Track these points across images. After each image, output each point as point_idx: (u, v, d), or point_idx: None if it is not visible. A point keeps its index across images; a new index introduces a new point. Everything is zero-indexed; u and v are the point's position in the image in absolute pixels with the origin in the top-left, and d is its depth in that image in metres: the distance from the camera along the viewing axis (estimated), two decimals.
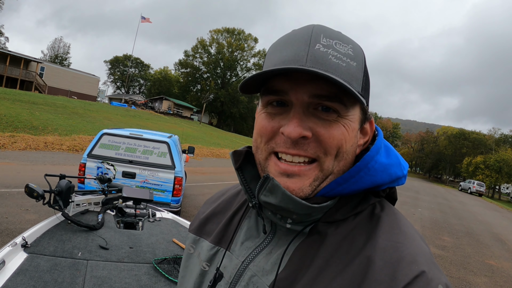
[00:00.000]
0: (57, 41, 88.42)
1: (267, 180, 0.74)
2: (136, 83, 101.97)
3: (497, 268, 9.63)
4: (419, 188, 38.79)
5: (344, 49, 0.73)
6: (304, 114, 0.72)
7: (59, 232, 2.99)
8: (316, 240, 0.76)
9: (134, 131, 7.55)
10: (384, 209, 0.79)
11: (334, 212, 0.77)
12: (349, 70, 0.71)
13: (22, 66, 42.44)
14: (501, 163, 61.28)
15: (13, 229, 6.17)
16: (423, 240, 0.76)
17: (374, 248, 0.69)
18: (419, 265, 0.65)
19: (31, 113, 22.44)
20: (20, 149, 15.83)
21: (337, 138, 0.73)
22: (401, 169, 0.81)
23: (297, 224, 0.77)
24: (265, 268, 0.79)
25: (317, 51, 0.70)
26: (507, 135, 79.33)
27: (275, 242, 0.81)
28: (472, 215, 22.03)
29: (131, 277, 2.61)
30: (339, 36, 0.75)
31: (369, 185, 0.76)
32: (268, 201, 0.75)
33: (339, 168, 0.76)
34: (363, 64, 0.76)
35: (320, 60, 0.69)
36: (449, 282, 0.68)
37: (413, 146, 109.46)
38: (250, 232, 0.88)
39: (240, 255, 0.85)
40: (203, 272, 0.91)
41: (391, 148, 0.83)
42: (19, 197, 8.10)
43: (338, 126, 0.73)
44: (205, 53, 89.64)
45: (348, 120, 0.74)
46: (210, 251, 0.93)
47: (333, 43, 0.72)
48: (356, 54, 0.75)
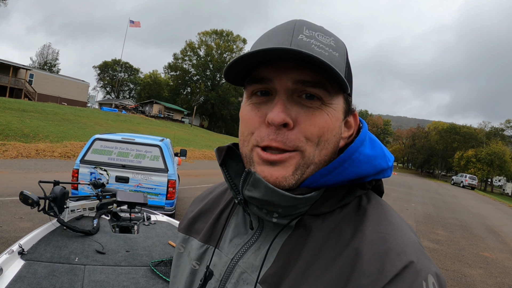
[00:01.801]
0: (45, 47, 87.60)
1: (249, 174, 0.75)
2: (126, 87, 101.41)
3: (492, 259, 9.71)
4: (412, 184, 38.96)
5: (327, 40, 0.74)
6: (288, 101, 0.72)
7: (55, 238, 2.98)
8: (303, 234, 0.75)
9: (126, 136, 7.54)
10: (370, 200, 0.79)
11: (320, 204, 0.76)
12: (332, 59, 0.72)
13: (11, 74, 42.05)
14: (492, 156, 61.68)
15: (8, 237, 6.13)
16: (412, 230, 0.76)
17: (361, 240, 0.69)
18: (408, 255, 0.65)
19: (22, 121, 22.27)
20: (11, 157, 15.72)
21: (319, 125, 0.73)
22: (386, 161, 0.81)
23: (283, 218, 0.76)
24: (254, 264, 0.78)
25: (300, 40, 0.71)
26: (497, 128, 79.66)
27: (263, 238, 0.81)
28: (465, 208, 22.17)
29: (128, 280, 2.62)
30: (321, 29, 0.76)
31: (354, 176, 0.75)
32: (252, 195, 0.75)
33: (321, 158, 0.75)
34: (345, 56, 0.77)
35: (303, 48, 0.69)
36: (439, 271, 0.67)
37: (405, 142, 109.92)
38: (238, 229, 0.88)
39: (229, 252, 0.85)
40: (194, 271, 0.91)
41: (376, 140, 0.83)
42: (12, 205, 8.05)
43: (321, 114, 0.73)
44: (194, 56, 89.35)
45: (332, 109, 0.74)
46: (200, 250, 0.93)
47: (316, 34, 0.73)
48: (338, 46, 0.76)
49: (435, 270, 0.66)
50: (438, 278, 0.65)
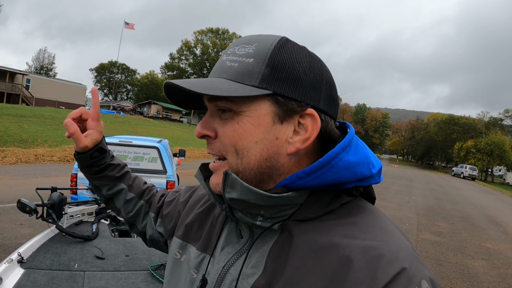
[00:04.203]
0: (41, 52, 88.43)
1: (227, 175, 0.76)
2: (124, 89, 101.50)
3: (494, 250, 9.72)
4: (412, 176, 39.01)
5: (245, 50, 0.77)
6: (211, 116, 0.81)
7: (54, 245, 2.98)
8: (288, 239, 0.75)
9: (123, 138, 7.53)
10: (360, 207, 0.79)
11: (305, 210, 0.76)
12: (240, 68, 0.75)
13: (7, 79, 41.96)
14: (492, 146, 61.52)
15: (9, 244, 6.13)
16: (404, 235, 0.76)
17: (352, 247, 0.68)
18: (400, 262, 0.64)
19: (20, 126, 22.25)
20: (10, 163, 15.72)
21: (228, 135, 0.76)
22: (369, 168, 0.78)
23: (266, 220, 0.77)
24: (245, 272, 0.78)
25: (221, 61, 0.80)
26: (496, 118, 79.65)
27: (254, 246, 0.81)
28: (466, 200, 22.18)
29: (128, 285, 2.61)
30: (248, 40, 0.79)
31: (331, 182, 0.74)
32: (231, 197, 0.76)
33: (245, 166, 0.77)
34: (265, 57, 0.74)
35: (218, 69, 0.79)
36: (433, 276, 0.67)
37: (404, 134, 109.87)
38: (230, 238, 0.88)
39: (221, 260, 0.86)
40: (192, 279, 0.91)
41: (361, 146, 0.81)
42: (12, 212, 8.04)
43: (231, 124, 0.76)
44: (190, 55, 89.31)
45: (244, 116, 0.75)
46: (197, 258, 0.92)
47: (237, 49, 0.78)
48: (258, 51, 0.75)
49: (429, 275, 0.65)
50: (432, 282, 0.64)
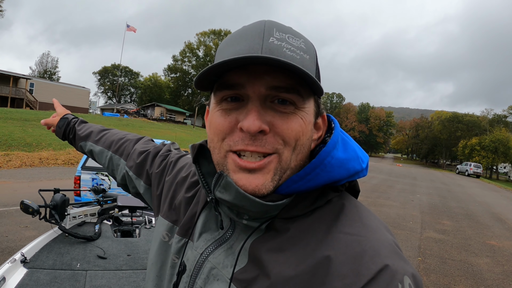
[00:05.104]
0: (44, 56, 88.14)
1: (221, 176, 0.74)
2: (127, 91, 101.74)
3: (498, 247, 9.70)
4: (416, 175, 38.94)
5: (297, 43, 0.73)
6: (262, 107, 0.71)
7: (57, 246, 3.00)
8: (273, 235, 0.75)
9: None
10: (344, 202, 0.77)
11: (291, 208, 0.75)
12: (303, 62, 0.71)
13: (11, 84, 42.27)
14: (497, 143, 61.23)
15: (13, 247, 6.16)
16: (388, 230, 0.75)
17: (335, 243, 0.68)
18: (382, 258, 0.64)
19: (24, 130, 22.36)
20: (15, 167, 15.78)
21: (295, 130, 0.72)
22: (359, 163, 0.79)
23: (253, 220, 0.76)
24: (224, 262, 0.78)
25: (271, 44, 0.69)
26: (500, 115, 79.27)
27: (235, 237, 0.80)
28: (470, 197, 22.12)
29: (129, 284, 2.63)
30: (291, 30, 0.75)
31: (326, 181, 0.74)
32: (223, 197, 0.75)
33: (296, 163, 0.74)
34: (315, 58, 0.76)
35: (275, 52, 0.68)
36: (415, 271, 0.67)
37: (408, 133, 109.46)
38: (209, 224, 0.87)
39: (199, 246, 0.84)
40: (174, 264, 0.91)
41: (349, 141, 0.81)
42: (17, 215, 8.09)
43: (296, 118, 0.72)
44: (193, 57, 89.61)
45: (305, 113, 0.73)
46: (178, 244, 0.91)
47: (286, 36, 0.72)
48: (308, 48, 0.75)
49: (411, 271, 0.65)
50: (414, 278, 0.64)
